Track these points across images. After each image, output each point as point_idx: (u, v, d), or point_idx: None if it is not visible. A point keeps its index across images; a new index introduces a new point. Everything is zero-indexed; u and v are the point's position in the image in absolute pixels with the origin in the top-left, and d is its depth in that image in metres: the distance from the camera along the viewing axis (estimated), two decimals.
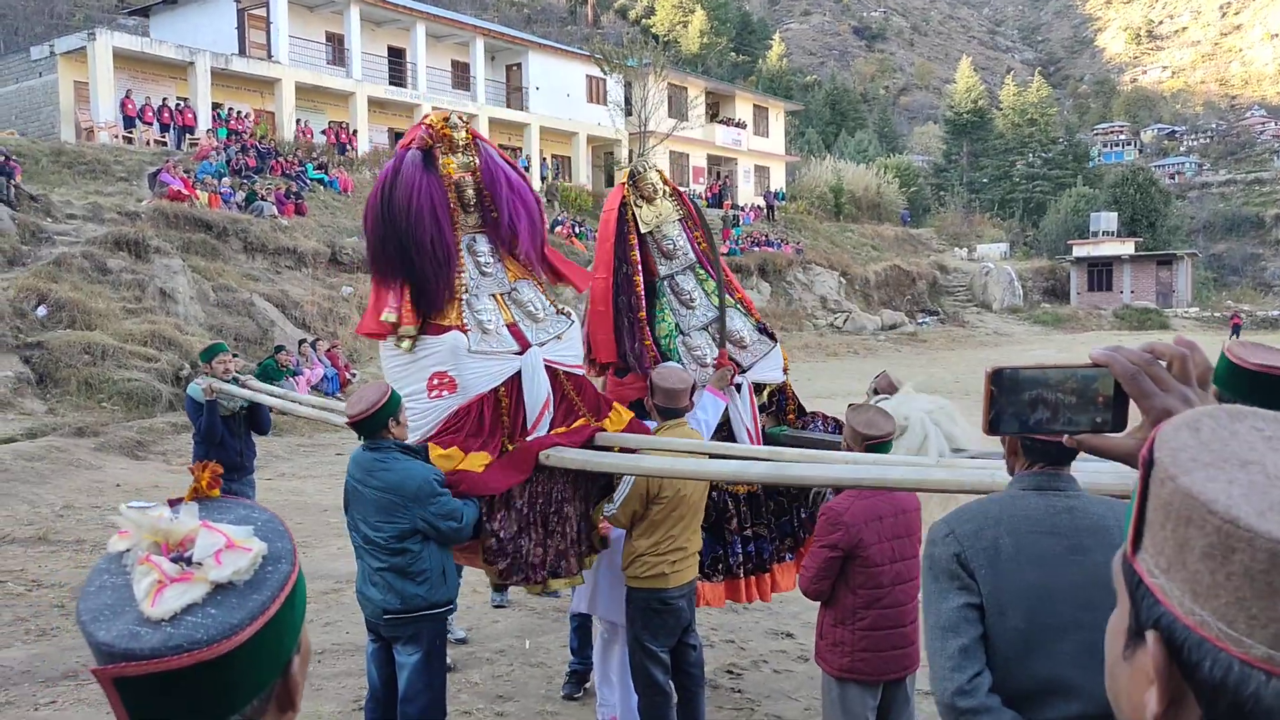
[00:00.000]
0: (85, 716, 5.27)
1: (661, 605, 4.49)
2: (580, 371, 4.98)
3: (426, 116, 4.90)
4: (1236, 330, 36.68)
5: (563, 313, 4.97)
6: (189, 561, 1.02)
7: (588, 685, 5.74)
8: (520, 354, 4.65)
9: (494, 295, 4.76)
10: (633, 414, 4.88)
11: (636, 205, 5.43)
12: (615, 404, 4.91)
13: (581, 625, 5.84)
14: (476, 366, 4.53)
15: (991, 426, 1.09)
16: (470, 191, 4.73)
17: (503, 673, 6.02)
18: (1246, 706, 0.68)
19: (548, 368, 4.70)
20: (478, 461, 4.36)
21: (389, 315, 4.65)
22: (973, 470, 2.94)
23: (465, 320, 4.58)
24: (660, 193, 5.50)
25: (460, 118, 4.84)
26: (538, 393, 4.63)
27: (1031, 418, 1.08)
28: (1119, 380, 1.05)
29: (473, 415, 4.52)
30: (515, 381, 4.62)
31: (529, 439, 4.55)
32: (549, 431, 4.64)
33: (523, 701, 5.63)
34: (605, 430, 4.71)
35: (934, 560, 2.31)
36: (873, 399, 4.96)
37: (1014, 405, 1.08)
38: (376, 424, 4.08)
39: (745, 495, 5.19)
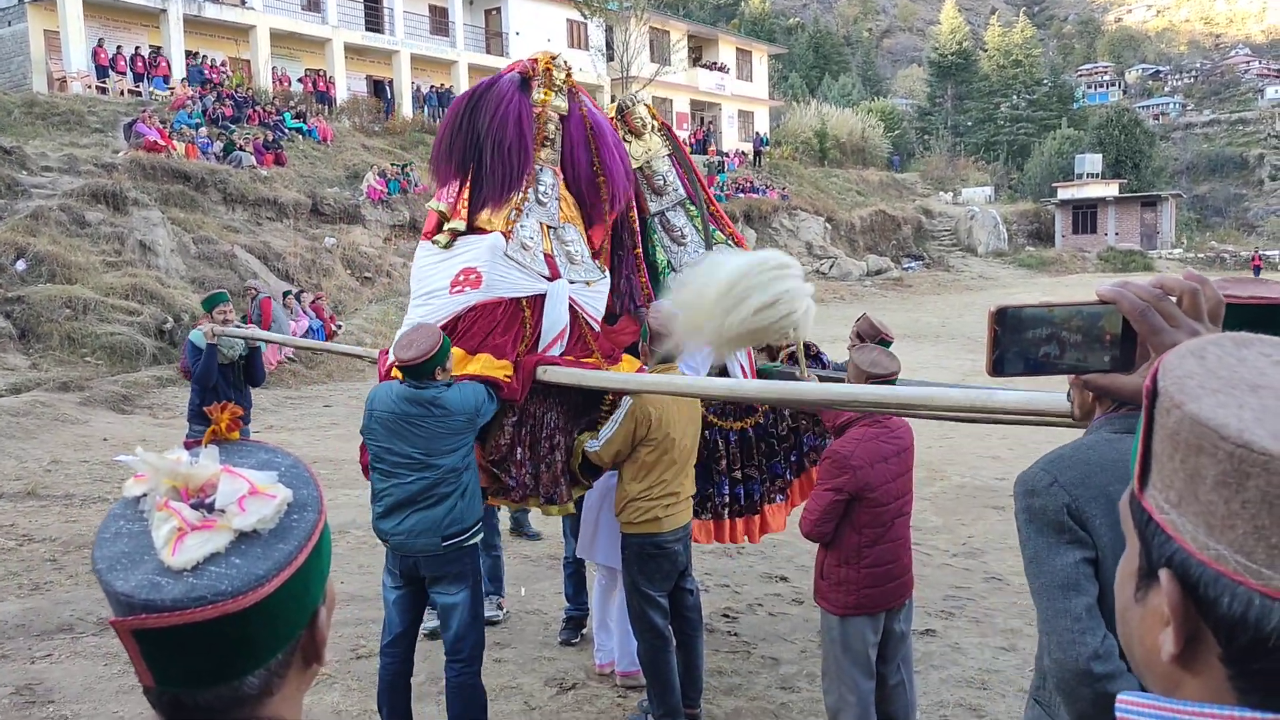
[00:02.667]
0: (81, 669, 5.27)
1: (656, 550, 4.48)
2: (597, 325, 4.97)
3: (537, 53, 5.15)
4: (1257, 273, 36.04)
5: (599, 266, 5.01)
6: (211, 508, 0.97)
7: (584, 631, 5.77)
8: (549, 280, 4.70)
9: (541, 223, 4.84)
10: (641, 365, 4.86)
11: (626, 140, 5.34)
12: (626, 357, 4.91)
13: (576, 572, 5.86)
14: (507, 271, 4.59)
15: (995, 368, 1.06)
16: (552, 128, 4.90)
17: (499, 619, 6.04)
18: (1270, 642, 0.66)
19: (570, 308, 4.73)
20: (501, 370, 4.37)
21: (438, 204, 4.77)
22: (969, 391, 2.90)
23: (512, 231, 4.67)
24: (649, 127, 5.42)
25: (565, 62, 5.04)
26: (556, 320, 4.65)
27: (1036, 357, 1.05)
28: (1127, 317, 1.02)
29: (487, 314, 4.53)
30: (538, 304, 4.66)
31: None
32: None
33: (520, 648, 5.66)
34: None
35: (1037, 512, 2.07)
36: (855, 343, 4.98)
37: (1018, 344, 1.05)
38: (427, 370, 4.07)
39: (736, 436, 5.17)
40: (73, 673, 5.22)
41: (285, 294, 17.70)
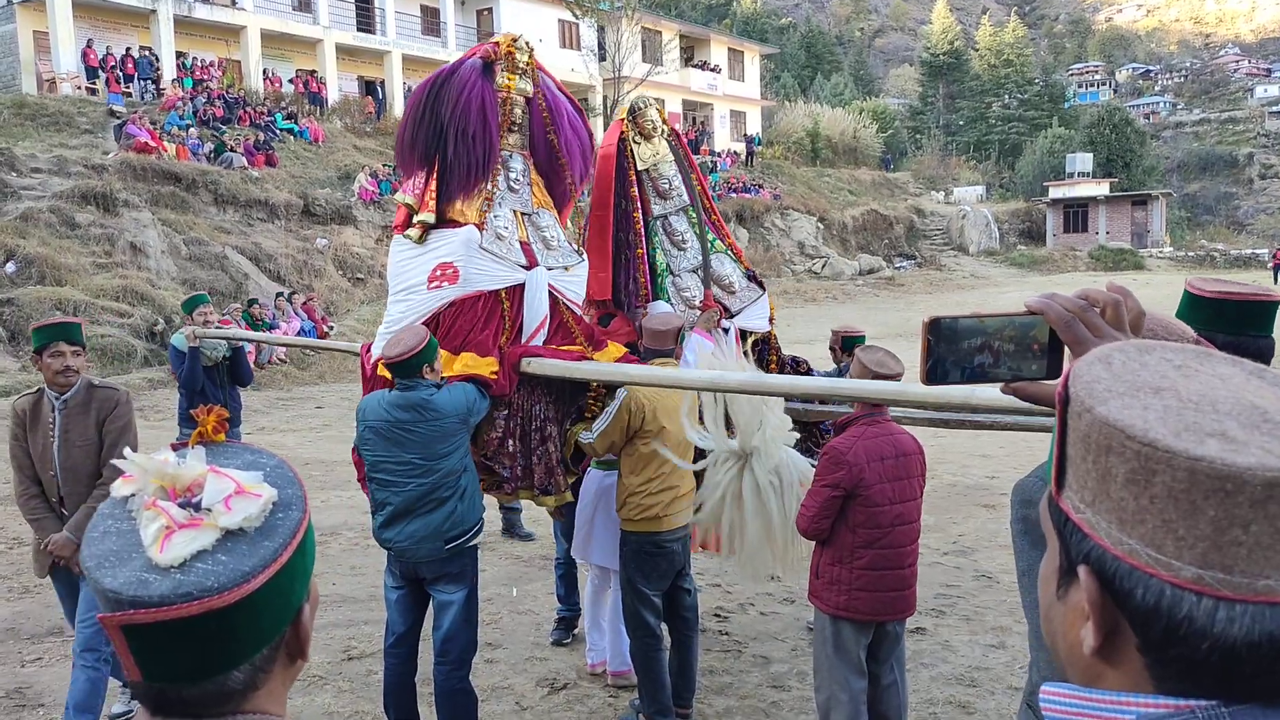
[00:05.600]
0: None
1: (655, 549, 4.51)
2: (579, 310, 4.98)
3: (499, 36, 5.08)
4: (1278, 271, 35.53)
5: (576, 250, 5.02)
6: (197, 507, 0.99)
7: (576, 631, 5.78)
8: (527, 269, 4.68)
9: (515, 211, 4.82)
10: (626, 349, 4.87)
11: (635, 142, 5.39)
12: (611, 341, 4.91)
13: (567, 572, 5.87)
14: (483, 264, 4.57)
15: (930, 376, 1.11)
16: (518, 112, 4.86)
17: (491, 620, 6.04)
18: (1181, 630, 0.69)
19: (550, 294, 4.73)
20: (487, 367, 4.37)
21: (406, 198, 4.74)
22: (959, 390, 2.91)
23: (485, 222, 4.64)
24: (659, 131, 5.45)
25: (527, 43, 4.96)
26: (537, 309, 4.66)
27: (970, 367, 1.10)
28: (1053, 327, 1.07)
29: (466, 310, 4.52)
30: (517, 294, 4.65)
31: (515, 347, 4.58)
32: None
33: (512, 648, 5.67)
34: (595, 360, 4.70)
35: (1033, 524, 1.94)
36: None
37: (953, 354, 1.10)
38: (413, 367, 4.07)
39: None
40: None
41: (277, 295, 17.69)
